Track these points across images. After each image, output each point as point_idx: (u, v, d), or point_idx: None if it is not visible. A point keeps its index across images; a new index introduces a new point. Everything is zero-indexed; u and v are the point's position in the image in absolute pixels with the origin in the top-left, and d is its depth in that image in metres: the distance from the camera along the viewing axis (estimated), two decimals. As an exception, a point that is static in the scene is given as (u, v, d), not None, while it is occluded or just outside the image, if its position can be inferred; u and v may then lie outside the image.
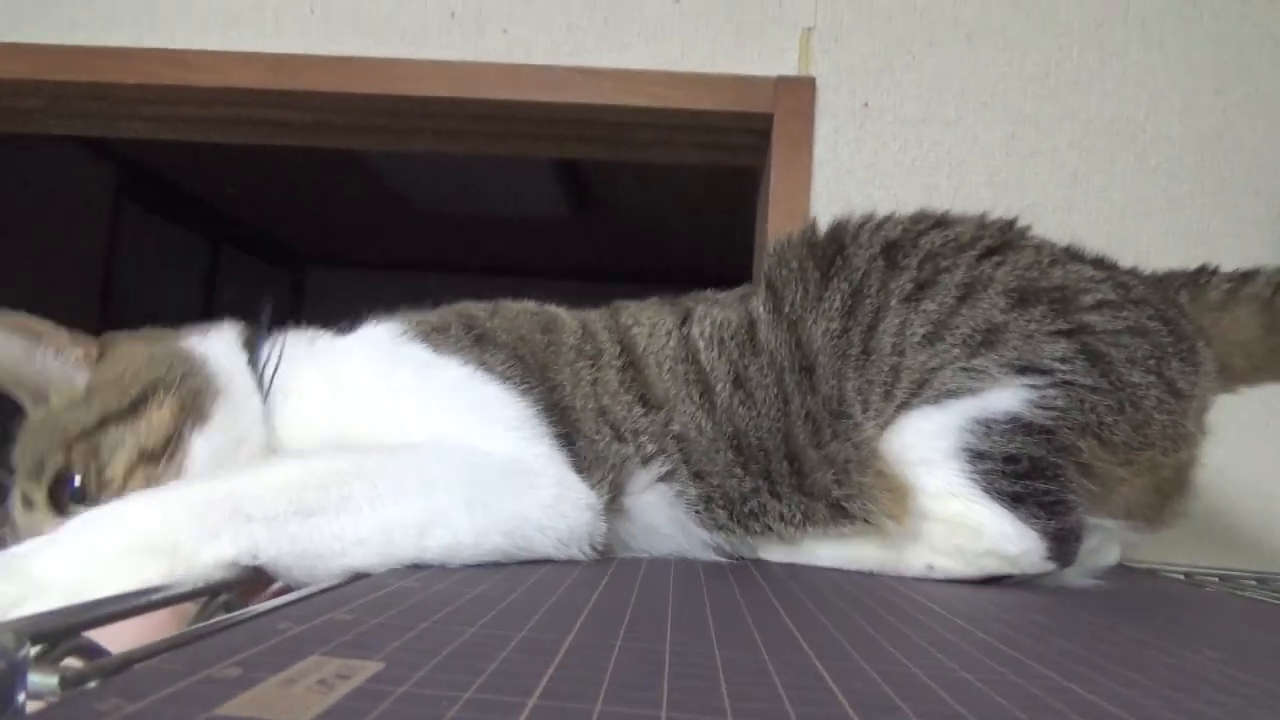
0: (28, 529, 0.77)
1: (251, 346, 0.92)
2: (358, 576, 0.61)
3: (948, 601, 0.67)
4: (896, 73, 1.54)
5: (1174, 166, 1.52)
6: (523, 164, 3.02)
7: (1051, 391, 0.80)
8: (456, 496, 0.69)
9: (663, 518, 0.85)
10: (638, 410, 0.88)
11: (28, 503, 0.78)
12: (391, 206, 3.69)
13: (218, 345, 0.90)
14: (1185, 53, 1.54)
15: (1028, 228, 0.96)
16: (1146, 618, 0.68)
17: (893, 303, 0.87)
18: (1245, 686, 0.45)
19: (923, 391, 0.83)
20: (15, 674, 0.29)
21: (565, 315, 0.98)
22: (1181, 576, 1.09)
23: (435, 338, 0.87)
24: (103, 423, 0.79)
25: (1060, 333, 0.83)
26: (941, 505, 0.81)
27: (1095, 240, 0.94)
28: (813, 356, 0.89)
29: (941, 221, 0.95)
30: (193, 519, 0.59)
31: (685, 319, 0.95)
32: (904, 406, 0.84)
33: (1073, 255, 0.94)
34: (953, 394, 0.81)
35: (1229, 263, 0.98)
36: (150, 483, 0.76)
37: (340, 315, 0.94)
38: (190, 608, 0.52)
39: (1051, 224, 0.98)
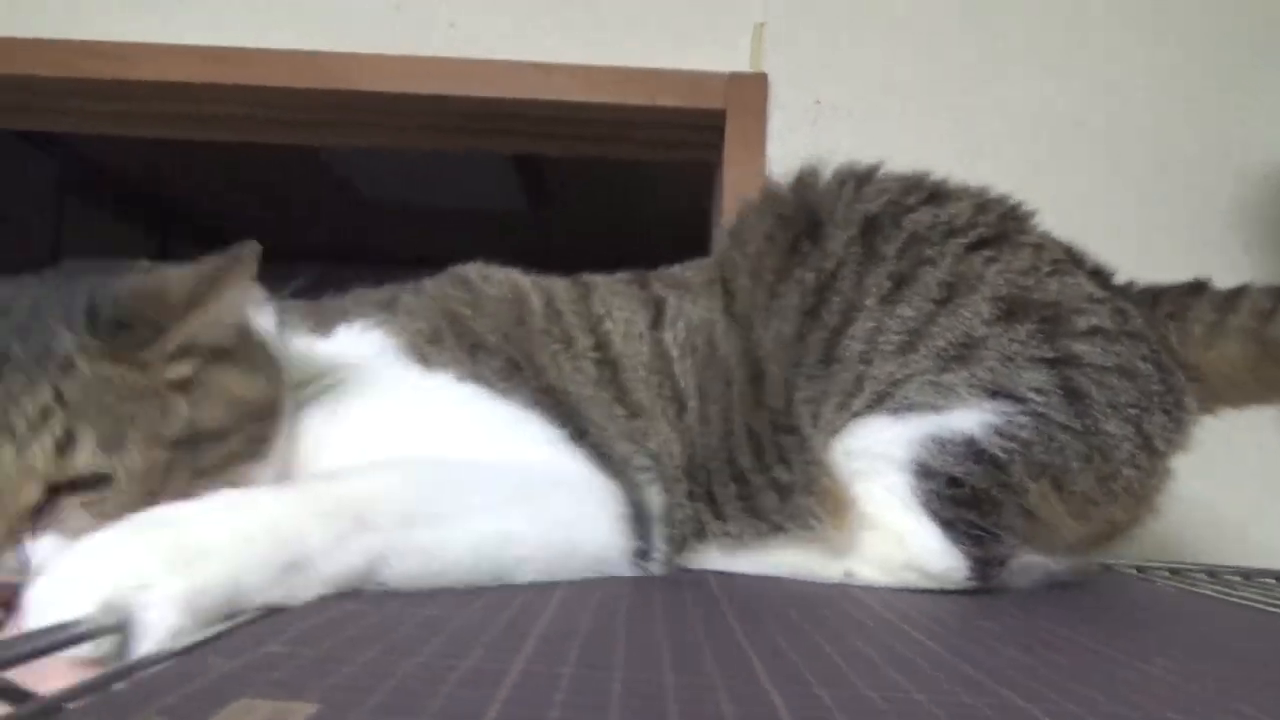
0: None
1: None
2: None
3: (902, 610, 0.66)
4: (846, 69, 1.54)
5: (1104, 164, 1.53)
6: (479, 157, 2.99)
7: (1020, 419, 0.75)
8: (521, 516, 0.68)
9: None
10: (619, 411, 0.83)
11: (31, 439, 0.59)
12: (342, 198, 3.63)
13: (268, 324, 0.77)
14: (1110, 49, 1.56)
15: (1031, 215, 0.88)
16: (1101, 623, 0.68)
17: (868, 302, 0.80)
18: (1197, 699, 0.45)
19: (883, 402, 0.78)
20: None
21: (531, 293, 0.90)
22: (1134, 571, 1.11)
23: (429, 353, 0.79)
24: (195, 438, 0.66)
25: (1044, 360, 0.77)
26: (878, 513, 0.79)
27: (1049, 237, 0.92)
28: (761, 365, 0.83)
29: (936, 195, 0.86)
30: (322, 525, 0.57)
31: (658, 316, 0.89)
32: (857, 415, 0.79)
33: (1074, 261, 0.86)
34: (915, 408, 0.77)
35: (1170, 257, 0.98)
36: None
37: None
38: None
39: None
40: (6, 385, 0.60)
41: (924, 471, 0.76)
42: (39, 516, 0.60)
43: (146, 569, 0.49)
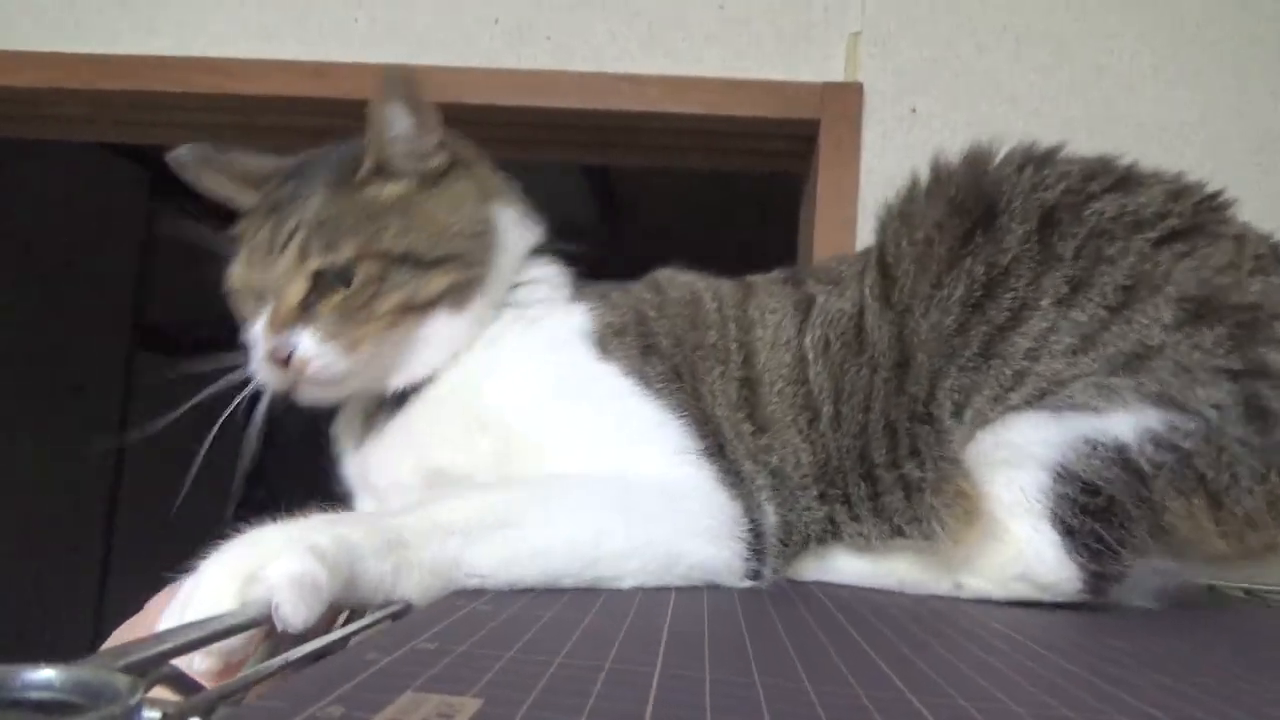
0: (261, 265, 0.83)
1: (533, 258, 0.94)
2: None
3: (1022, 626, 0.65)
4: (944, 78, 1.53)
5: (1229, 172, 1.48)
6: (552, 168, 3.02)
7: (1187, 427, 0.70)
8: (616, 516, 0.71)
9: None
10: (747, 428, 0.84)
11: (285, 249, 0.81)
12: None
13: (520, 243, 0.93)
14: (1238, 56, 1.51)
15: (1230, 204, 0.81)
16: (1229, 643, 0.67)
17: (1043, 303, 0.76)
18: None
19: (1044, 399, 0.74)
20: (130, 718, 0.29)
21: (705, 297, 0.93)
22: (1242, 593, 1.07)
23: (609, 343, 0.86)
24: (405, 258, 0.82)
25: (1228, 372, 0.71)
26: (1000, 515, 0.75)
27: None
28: (909, 352, 0.80)
29: (1123, 180, 0.80)
30: (410, 523, 0.63)
31: (805, 319, 0.88)
32: (1014, 409, 0.75)
33: (1278, 259, 0.78)
34: (1077, 408, 0.73)
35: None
36: (390, 331, 0.82)
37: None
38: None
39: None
40: (279, 219, 0.83)
41: (1064, 475, 0.73)
42: (303, 312, 0.80)
43: (269, 551, 0.54)
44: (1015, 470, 0.75)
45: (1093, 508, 0.73)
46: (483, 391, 0.84)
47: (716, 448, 0.80)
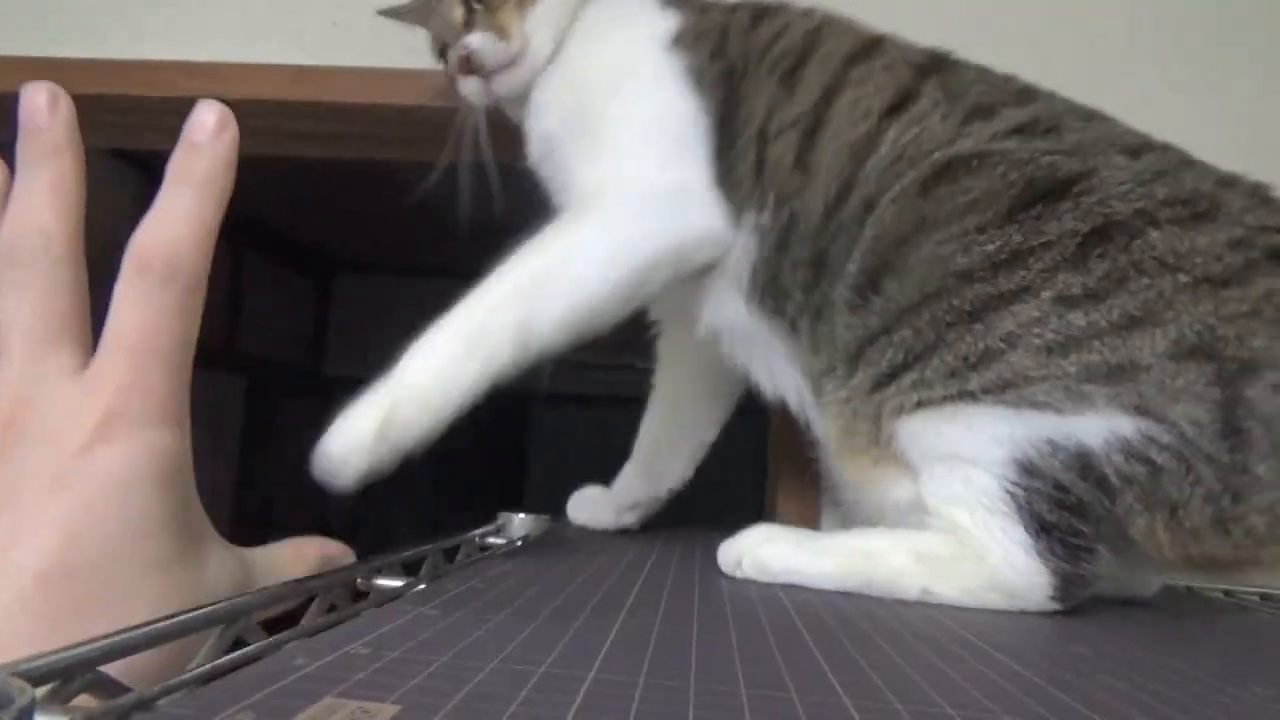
0: (444, 13, 1.07)
1: None
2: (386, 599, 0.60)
3: (984, 630, 0.65)
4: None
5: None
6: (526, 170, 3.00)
7: (1163, 439, 0.68)
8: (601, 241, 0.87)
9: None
10: (788, 160, 0.88)
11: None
12: (419, 212, 3.68)
13: None
14: (1226, 64, 1.51)
15: None
16: (1193, 648, 0.66)
17: (1045, 294, 0.72)
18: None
19: (1005, 392, 0.71)
20: (19, 724, 0.28)
21: (791, 37, 0.96)
22: (1221, 594, 1.06)
23: (686, 41, 0.95)
24: None
25: (1210, 400, 0.69)
26: (947, 511, 0.74)
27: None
28: (900, 246, 0.78)
29: (1199, 218, 0.74)
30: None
31: (899, 105, 0.86)
32: (968, 397, 0.73)
33: None
34: (1038, 406, 0.70)
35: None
36: (521, 10, 1.01)
37: (368, 323, 0.97)
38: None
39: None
40: None
41: (1028, 469, 0.71)
42: (467, 29, 1.04)
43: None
44: (972, 466, 0.73)
45: (1067, 503, 0.71)
46: (569, 86, 1.01)
47: (721, 150, 0.90)
